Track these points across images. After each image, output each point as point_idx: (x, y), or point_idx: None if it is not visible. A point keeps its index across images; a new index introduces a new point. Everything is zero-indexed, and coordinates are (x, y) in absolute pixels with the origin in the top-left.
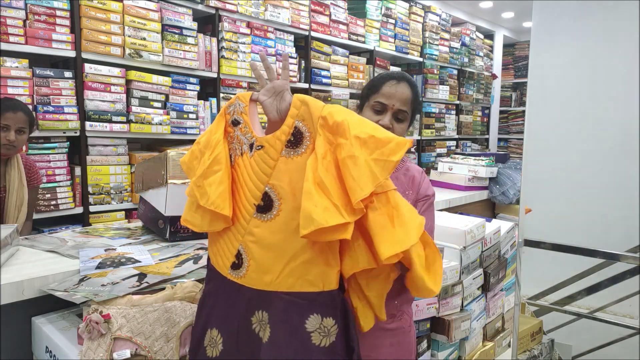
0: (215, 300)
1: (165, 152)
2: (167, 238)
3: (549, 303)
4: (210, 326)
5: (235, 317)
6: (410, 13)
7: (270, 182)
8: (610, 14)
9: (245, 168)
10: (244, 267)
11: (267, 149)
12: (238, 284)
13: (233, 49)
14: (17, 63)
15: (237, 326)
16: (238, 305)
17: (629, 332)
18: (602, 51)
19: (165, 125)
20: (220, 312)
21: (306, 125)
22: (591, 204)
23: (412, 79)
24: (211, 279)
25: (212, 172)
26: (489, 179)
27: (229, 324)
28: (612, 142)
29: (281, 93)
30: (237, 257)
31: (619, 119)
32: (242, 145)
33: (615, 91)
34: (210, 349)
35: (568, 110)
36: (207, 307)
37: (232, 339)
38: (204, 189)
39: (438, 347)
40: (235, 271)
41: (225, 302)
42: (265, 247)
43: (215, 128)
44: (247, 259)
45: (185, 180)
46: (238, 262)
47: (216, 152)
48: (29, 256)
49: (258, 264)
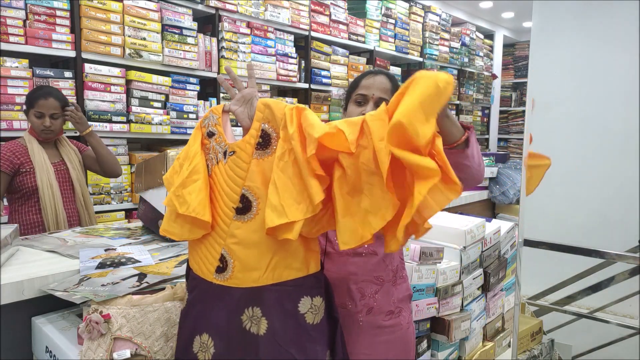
0: (202, 307)
1: (165, 152)
2: (167, 238)
3: (549, 303)
4: (199, 332)
5: (224, 319)
6: (410, 13)
7: (245, 184)
8: (610, 14)
9: (221, 174)
10: (229, 269)
11: (239, 154)
12: (225, 286)
13: (233, 49)
14: (17, 63)
15: (227, 328)
16: (226, 307)
17: (629, 332)
18: (602, 51)
19: (165, 125)
20: (208, 316)
21: (272, 126)
22: (591, 204)
23: (390, 73)
24: (194, 287)
25: (191, 182)
26: (489, 179)
27: (219, 327)
28: (612, 142)
29: (250, 100)
30: (221, 261)
31: (619, 119)
32: (217, 154)
33: (615, 91)
34: (202, 353)
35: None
36: (192, 315)
37: (224, 340)
38: (183, 197)
39: (438, 347)
40: (220, 274)
41: (213, 306)
42: (249, 246)
43: (192, 141)
44: (232, 260)
45: None
46: (222, 265)
47: (194, 162)
48: (29, 256)
49: (243, 263)
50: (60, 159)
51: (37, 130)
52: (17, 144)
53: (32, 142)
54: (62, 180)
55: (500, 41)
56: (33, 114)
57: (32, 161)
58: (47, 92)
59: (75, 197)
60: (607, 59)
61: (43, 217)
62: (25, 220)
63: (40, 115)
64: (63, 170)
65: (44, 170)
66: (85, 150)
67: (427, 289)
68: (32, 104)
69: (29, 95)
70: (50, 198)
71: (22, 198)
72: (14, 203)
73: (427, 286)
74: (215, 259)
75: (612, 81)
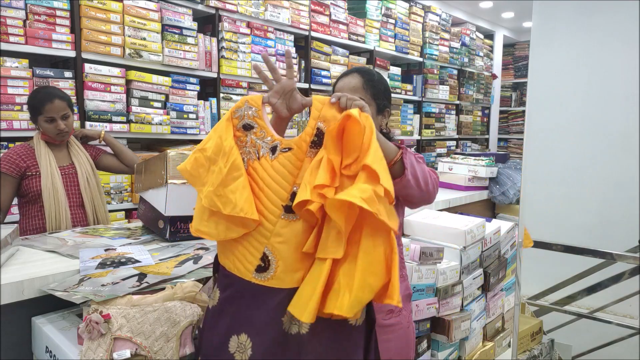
0: (238, 306)
1: (165, 152)
2: (167, 238)
3: (549, 303)
4: (237, 332)
5: (265, 320)
6: (410, 13)
7: (297, 182)
8: (610, 14)
9: (267, 171)
10: (271, 269)
11: (295, 151)
12: (266, 286)
13: (233, 49)
14: (17, 63)
15: (267, 329)
16: (266, 308)
17: (629, 332)
18: (602, 51)
19: (165, 125)
20: (247, 317)
21: (326, 125)
22: (591, 204)
23: (366, 69)
24: (229, 285)
25: (232, 179)
26: (489, 179)
27: (259, 328)
28: (612, 142)
29: (290, 92)
30: (262, 260)
31: (619, 119)
32: (260, 149)
33: (615, 91)
34: (240, 354)
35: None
36: (228, 314)
37: (264, 341)
38: (226, 197)
39: (438, 347)
40: (261, 274)
41: (252, 305)
42: (295, 246)
43: (224, 134)
44: (275, 260)
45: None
46: (264, 265)
47: (232, 158)
48: (29, 256)
49: (287, 263)
50: (70, 162)
51: (52, 135)
52: (25, 147)
53: (40, 146)
54: (69, 184)
55: (500, 41)
56: (43, 120)
57: (38, 164)
58: (50, 94)
59: (83, 201)
60: (607, 59)
61: (46, 222)
62: (30, 225)
63: (51, 119)
64: (72, 174)
65: (48, 174)
66: (102, 152)
67: (427, 289)
68: (39, 110)
69: (31, 102)
70: (54, 203)
71: (29, 202)
72: (22, 207)
73: (427, 286)
74: (256, 258)
75: (612, 81)
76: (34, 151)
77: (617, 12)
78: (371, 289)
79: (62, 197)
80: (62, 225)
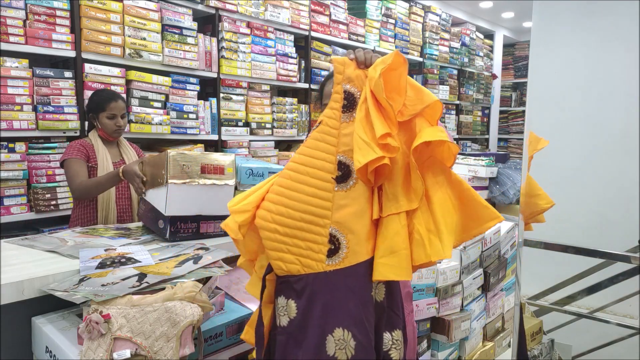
0: (323, 304)
1: (166, 152)
2: (167, 238)
3: (549, 303)
4: (330, 330)
5: (357, 303)
6: (410, 13)
7: (339, 150)
8: (610, 14)
9: (303, 153)
10: (343, 247)
11: (326, 122)
12: (343, 269)
13: (233, 49)
14: (17, 63)
15: (362, 311)
16: (353, 290)
17: (629, 332)
18: (602, 51)
19: (165, 125)
20: (337, 310)
21: (355, 85)
22: (591, 204)
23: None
24: (304, 288)
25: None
26: (489, 179)
27: (353, 315)
28: (612, 142)
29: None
30: (331, 242)
31: (619, 119)
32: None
33: (615, 91)
34: (341, 352)
35: (568, 110)
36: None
37: (363, 327)
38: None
39: (438, 347)
40: (333, 257)
41: (337, 297)
42: (358, 216)
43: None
44: (344, 235)
45: (185, 180)
46: (335, 246)
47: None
48: (29, 256)
49: (357, 235)
50: (121, 159)
51: (110, 131)
52: (84, 141)
53: (98, 141)
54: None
55: (500, 41)
56: (105, 116)
57: (96, 158)
58: (114, 95)
59: (131, 195)
60: (607, 59)
61: (96, 213)
62: (82, 213)
63: (113, 116)
64: None
65: (104, 168)
66: (142, 155)
67: (427, 289)
68: (102, 107)
69: (96, 99)
70: (106, 195)
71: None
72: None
73: (427, 286)
74: (324, 243)
75: (612, 81)
76: (92, 146)
77: (617, 12)
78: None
79: (113, 191)
80: (110, 217)
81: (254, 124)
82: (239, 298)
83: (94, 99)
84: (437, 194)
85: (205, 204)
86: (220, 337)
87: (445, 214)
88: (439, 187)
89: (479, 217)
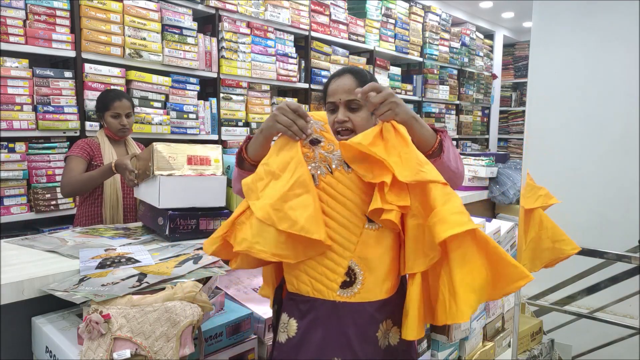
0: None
1: (152, 145)
2: (166, 235)
3: (549, 303)
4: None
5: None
6: (410, 13)
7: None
8: (610, 14)
9: (345, 184)
10: (358, 282)
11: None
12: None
13: (233, 49)
14: (17, 63)
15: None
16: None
17: (629, 332)
18: (602, 51)
19: (165, 125)
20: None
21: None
22: (591, 204)
23: (358, 70)
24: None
25: (294, 196)
26: (489, 179)
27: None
28: (612, 142)
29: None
30: (348, 275)
31: (619, 118)
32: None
33: (615, 91)
34: None
35: (568, 110)
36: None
37: None
38: (284, 212)
39: (438, 347)
40: (346, 290)
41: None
42: (381, 256)
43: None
44: (362, 272)
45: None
46: (350, 279)
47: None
48: (29, 256)
49: (376, 274)
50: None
51: (114, 130)
52: (91, 140)
53: (104, 140)
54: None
55: (500, 41)
56: (110, 115)
57: (102, 157)
58: (120, 94)
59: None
60: (607, 59)
61: (103, 210)
62: (88, 212)
63: (117, 115)
64: None
65: None
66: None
67: None
68: (107, 106)
69: (102, 99)
70: (113, 194)
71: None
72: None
73: None
74: (340, 274)
75: (612, 81)
76: (99, 145)
77: (617, 12)
78: (473, 288)
79: (120, 190)
80: (116, 216)
81: (254, 124)
82: (239, 298)
83: (101, 98)
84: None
85: (198, 195)
86: (220, 337)
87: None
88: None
89: (508, 276)
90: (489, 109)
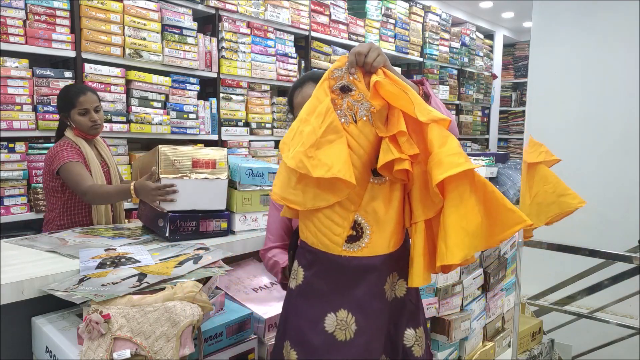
0: (331, 282)
1: (157, 147)
2: (167, 236)
3: (549, 303)
4: (334, 309)
5: (366, 292)
6: (410, 13)
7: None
8: (610, 14)
9: (364, 134)
10: (365, 237)
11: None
12: (359, 257)
13: (233, 49)
14: (17, 63)
15: (370, 301)
16: (366, 281)
17: (629, 332)
18: (602, 51)
19: (165, 125)
20: (343, 292)
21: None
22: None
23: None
24: (314, 261)
25: (326, 142)
26: (489, 179)
27: (361, 302)
28: (612, 142)
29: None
30: (354, 229)
31: (619, 118)
32: (357, 112)
33: (615, 91)
34: (341, 332)
35: (568, 110)
36: (318, 291)
37: (368, 315)
38: (318, 159)
39: (438, 347)
40: (352, 244)
41: (348, 281)
42: (387, 210)
43: (320, 94)
44: (369, 226)
45: (177, 175)
46: (357, 233)
47: (329, 119)
48: (29, 256)
49: (383, 228)
50: (102, 160)
51: (85, 128)
52: (70, 143)
53: (81, 142)
54: (106, 180)
55: (500, 41)
56: (77, 112)
57: (86, 159)
58: (83, 88)
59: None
60: (607, 59)
61: (93, 216)
62: (76, 218)
63: (86, 111)
64: (106, 172)
65: (97, 168)
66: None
67: (427, 289)
68: (72, 103)
69: (64, 96)
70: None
71: (75, 196)
72: (67, 200)
73: (427, 286)
74: (346, 228)
75: (612, 81)
76: (78, 147)
77: (617, 12)
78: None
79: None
80: (103, 219)
81: (254, 124)
82: (239, 298)
83: (62, 96)
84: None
85: (200, 198)
86: (220, 337)
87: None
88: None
89: (504, 220)
90: (489, 109)
